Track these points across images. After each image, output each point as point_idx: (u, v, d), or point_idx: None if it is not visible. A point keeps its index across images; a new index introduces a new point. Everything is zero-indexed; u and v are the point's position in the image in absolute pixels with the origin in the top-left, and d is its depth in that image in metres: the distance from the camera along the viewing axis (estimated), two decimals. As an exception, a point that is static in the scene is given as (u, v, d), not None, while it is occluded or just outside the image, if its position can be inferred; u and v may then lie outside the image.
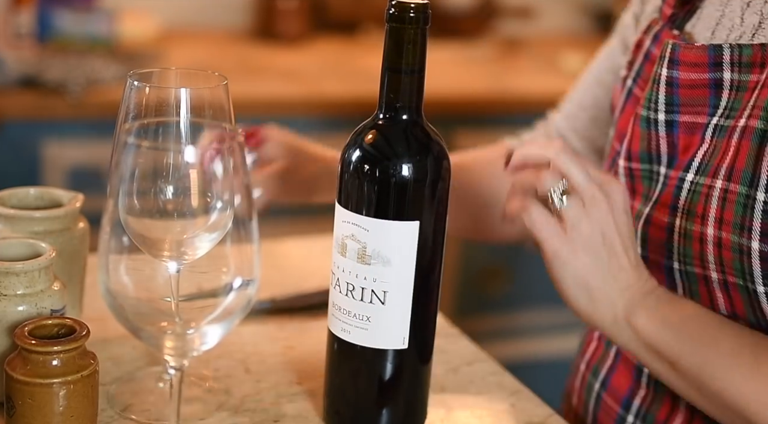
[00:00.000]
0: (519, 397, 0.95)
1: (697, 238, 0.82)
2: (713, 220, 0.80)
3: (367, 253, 0.77)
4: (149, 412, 0.85)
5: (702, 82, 0.84)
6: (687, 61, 0.84)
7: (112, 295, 0.68)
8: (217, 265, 0.72)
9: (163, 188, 0.73)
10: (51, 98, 1.91)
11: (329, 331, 0.82)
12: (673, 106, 0.86)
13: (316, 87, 2.16)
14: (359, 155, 0.77)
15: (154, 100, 0.80)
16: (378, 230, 0.77)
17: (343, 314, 0.80)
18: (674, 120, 0.86)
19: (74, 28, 2.20)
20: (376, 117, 0.79)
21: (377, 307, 0.78)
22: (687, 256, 0.84)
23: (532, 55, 2.68)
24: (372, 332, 0.79)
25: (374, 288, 0.78)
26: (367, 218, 0.77)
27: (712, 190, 0.81)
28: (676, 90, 0.85)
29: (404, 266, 0.78)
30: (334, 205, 0.80)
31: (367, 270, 0.77)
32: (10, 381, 0.75)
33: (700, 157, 0.84)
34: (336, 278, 0.80)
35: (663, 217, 0.86)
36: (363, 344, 0.79)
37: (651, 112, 0.87)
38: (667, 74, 0.85)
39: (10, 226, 0.88)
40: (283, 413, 0.87)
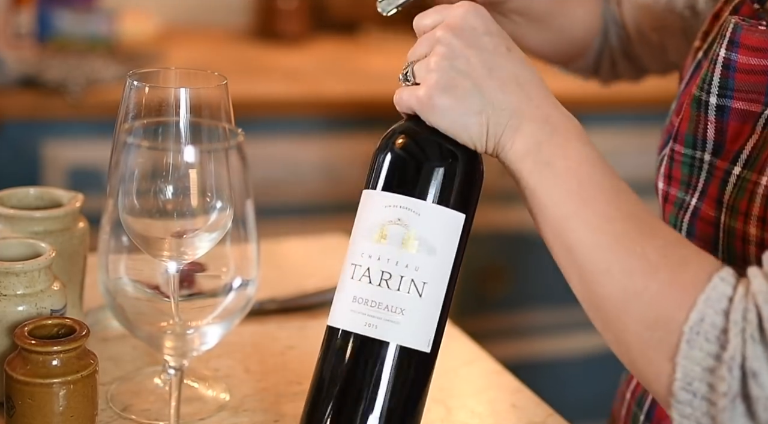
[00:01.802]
0: (519, 397, 0.95)
1: (740, 236, 0.77)
2: (756, 219, 0.75)
3: (413, 238, 0.74)
4: (149, 412, 0.85)
5: (761, 68, 0.78)
6: (748, 45, 0.78)
7: (112, 295, 0.68)
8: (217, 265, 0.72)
9: (163, 188, 0.73)
10: (51, 98, 1.91)
11: (339, 331, 0.76)
12: (727, 90, 0.80)
13: (316, 87, 2.16)
14: (422, 134, 0.76)
15: (153, 100, 0.80)
16: (429, 215, 0.74)
17: (371, 307, 0.74)
18: (726, 105, 0.80)
19: (74, 28, 2.20)
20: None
21: (413, 298, 0.74)
22: (731, 255, 0.79)
23: (532, 55, 2.68)
24: (403, 327, 0.73)
25: (414, 277, 0.74)
26: (420, 200, 0.74)
27: (758, 186, 0.76)
28: (732, 73, 0.80)
29: (446, 259, 0.75)
30: (361, 194, 0.78)
31: (410, 257, 0.74)
32: (10, 381, 0.75)
33: (749, 150, 0.78)
34: (364, 268, 0.75)
35: (710, 211, 0.81)
36: (390, 340, 0.73)
37: (704, 93, 0.81)
38: (725, 55, 0.80)
39: (10, 226, 0.88)
40: (283, 413, 0.87)
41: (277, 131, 2.11)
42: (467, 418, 0.91)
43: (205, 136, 0.78)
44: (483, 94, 0.74)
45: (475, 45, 0.75)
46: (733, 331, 0.65)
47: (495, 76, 0.74)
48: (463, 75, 0.74)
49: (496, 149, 0.75)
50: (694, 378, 0.66)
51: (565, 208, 0.72)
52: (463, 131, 0.74)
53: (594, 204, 0.71)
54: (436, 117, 0.74)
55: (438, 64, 0.74)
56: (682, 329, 0.66)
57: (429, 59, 0.75)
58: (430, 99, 0.74)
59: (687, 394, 0.66)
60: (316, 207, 2.16)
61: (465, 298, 2.34)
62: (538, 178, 0.73)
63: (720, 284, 0.67)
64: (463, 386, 0.97)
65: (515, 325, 2.41)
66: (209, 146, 0.72)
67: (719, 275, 0.67)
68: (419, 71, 0.76)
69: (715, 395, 0.65)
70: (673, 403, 0.67)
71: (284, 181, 2.13)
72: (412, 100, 0.75)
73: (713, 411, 0.65)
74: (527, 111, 0.74)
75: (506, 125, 0.74)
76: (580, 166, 0.73)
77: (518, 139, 0.74)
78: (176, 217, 0.74)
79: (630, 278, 0.69)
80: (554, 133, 0.73)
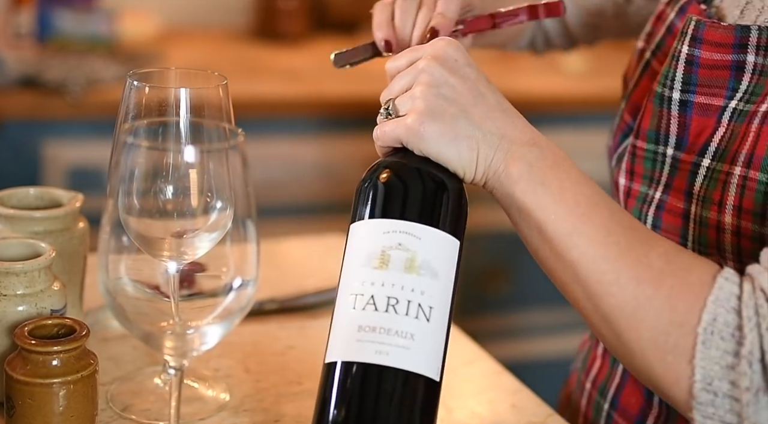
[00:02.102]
0: (519, 397, 0.95)
1: (714, 226, 0.79)
2: (731, 208, 0.77)
3: (417, 262, 0.72)
4: (149, 412, 0.85)
5: (723, 64, 0.81)
6: (711, 41, 0.81)
7: (112, 295, 0.68)
8: (217, 265, 0.72)
9: (163, 188, 0.73)
10: (51, 98, 1.91)
11: (344, 365, 0.71)
12: (690, 85, 0.83)
13: (316, 87, 2.16)
14: (411, 164, 0.75)
15: (153, 100, 0.80)
16: (430, 239, 0.73)
17: (381, 335, 0.70)
18: (689, 100, 0.83)
19: (74, 28, 2.20)
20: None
21: (422, 324, 0.71)
22: (702, 244, 0.81)
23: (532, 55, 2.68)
24: (414, 353, 0.70)
25: (421, 302, 0.71)
26: (419, 224, 0.73)
27: (731, 177, 0.77)
28: (695, 69, 0.82)
29: (447, 283, 0.73)
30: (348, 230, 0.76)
31: (415, 281, 0.71)
32: (10, 381, 0.75)
33: (716, 142, 0.80)
34: (368, 296, 0.72)
35: (678, 202, 0.83)
36: (403, 367, 0.70)
37: (666, 89, 0.84)
38: (688, 52, 0.82)
39: (10, 226, 0.88)
40: (283, 413, 0.87)
41: (276, 131, 2.11)
42: (467, 418, 0.91)
43: (205, 136, 0.78)
44: (471, 120, 0.75)
45: (459, 74, 0.76)
46: (747, 326, 0.66)
47: (480, 103, 0.76)
48: (449, 102, 0.75)
49: (486, 174, 0.75)
50: (714, 377, 0.66)
51: (564, 226, 0.72)
52: (454, 157, 0.74)
53: (593, 219, 0.72)
54: (427, 144, 0.74)
55: (424, 92, 0.75)
56: (696, 331, 0.67)
57: (413, 90, 0.76)
58: (420, 125, 0.74)
59: (708, 394, 0.67)
60: (316, 207, 2.16)
61: (465, 298, 2.34)
62: (533, 199, 0.73)
63: (726, 284, 0.68)
64: (463, 386, 0.97)
65: (515, 325, 2.42)
66: (209, 146, 0.72)
67: (722, 275, 0.69)
68: (403, 103, 0.76)
69: (738, 392, 0.66)
70: (695, 405, 0.67)
71: (284, 181, 2.14)
72: (399, 130, 0.75)
73: (737, 407, 0.66)
74: (514, 135, 0.75)
75: (496, 149, 0.75)
76: (573, 185, 0.74)
77: (510, 162, 0.74)
78: (176, 217, 0.74)
79: (639, 286, 0.69)
80: (543, 156, 0.74)
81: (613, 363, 0.95)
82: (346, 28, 2.66)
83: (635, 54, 0.96)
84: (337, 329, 0.73)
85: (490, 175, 0.75)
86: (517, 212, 0.75)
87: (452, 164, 0.75)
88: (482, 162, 0.75)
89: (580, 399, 1.00)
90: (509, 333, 2.41)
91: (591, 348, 1.01)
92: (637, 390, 0.90)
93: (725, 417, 0.67)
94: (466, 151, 0.74)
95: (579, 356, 1.05)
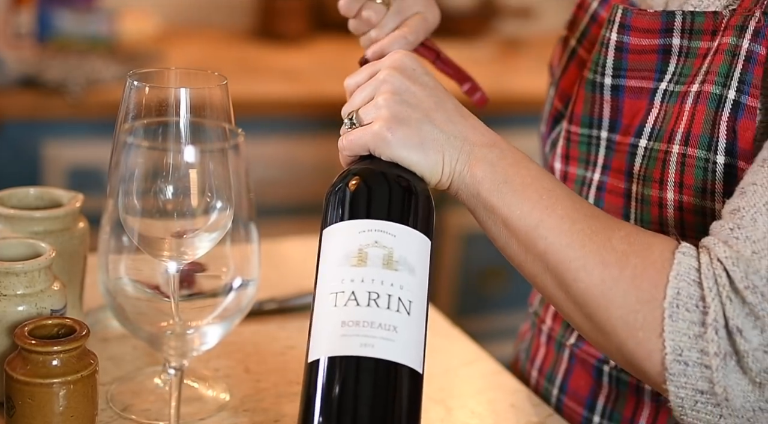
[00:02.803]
0: (519, 397, 0.95)
1: (656, 202, 0.83)
2: (673, 184, 0.81)
3: (394, 258, 0.73)
4: (149, 412, 0.85)
5: (651, 48, 0.84)
6: (639, 27, 0.84)
7: (112, 295, 0.68)
8: (217, 265, 0.72)
9: (163, 188, 0.73)
10: (51, 98, 1.91)
11: (328, 360, 0.70)
12: (621, 70, 0.86)
13: (316, 87, 2.16)
14: (378, 168, 0.77)
15: (153, 100, 0.80)
16: (404, 236, 0.74)
17: (364, 328, 0.70)
18: (620, 84, 0.87)
19: (74, 28, 2.20)
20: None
21: (403, 317, 0.71)
22: (644, 221, 0.84)
23: (532, 55, 2.68)
24: (399, 344, 0.70)
25: (401, 296, 0.72)
26: (393, 223, 0.74)
27: (669, 155, 0.81)
28: (625, 55, 0.86)
29: (423, 279, 0.74)
30: (320, 234, 0.77)
31: (394, 276, 0.72)
32: (10, 381, 0.75)
33: (651, 123, 0.84)
34: (348, 293, 0.72)
35: (618, 183, 0.87)
36: (389, 358, 0.69)
37: (597, 76, 0.88)
38: (617, 39, 0.85)
39: (10, 226, 0.88)
40: (283, 413, 0.87)
41: (276, 131, 2.11)
42: (467, 418, 0.91)
43: (205, 136, 0.78)
44: (434, 124, 0.78)
45: (419, 82, 0.79)
46: (709, 296, 0.69)
47: (441, 108, 0.79)
48: (413, 108, 0.78)
49: (452, 176, 0.78)
50: (684, 348, 0.69)
51: (530, 219, 0.75)
52: (421, 160, 0.77)
53: (556, 210, 0.75)
54: (394, 148, 0.77)
55: (388, 100, 0.78)
56: (662, 306, 0.70)
57: (376, 99, 0.78)
58: (387, 131, 0.76)
59: (679, 365, 0.70)
60: (316, 207, 2.15)
61: (465, 298, 2.35)
62: (498, 196, 0.76)
63: (684, 259, 0.71)
64: (463, 386, 0.97)
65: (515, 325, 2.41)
66: (209, 146, 0.72)
67: (680, 250, 0.72)
68: (366, 113, 0.79)
69: (707, 359, 0.69)
70: (668, 376, 0.70)
71: (284, 181, 2.14)
72: (366, 137, 0.77)
73: (708, 374, 0.69)
74: (476, 138, 0.78)
75: (460, 151, 0.77)
76: (535, 180, 0.77)
77: (473, 163, 0.77)
78: (176, 217, 0.74)
79: (606, 268, 0.72)
80: (503, 155, 0.78)
81: (558, 349, 0.97)
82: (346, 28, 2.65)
83: (559, 43, 1.00)
84: (318, 329, 0.72)
85: (455, 177, 0.78)
86: (483, 211, 0.78)
87: (419, 168, 0.77)
88: (447, 164, 0.77)
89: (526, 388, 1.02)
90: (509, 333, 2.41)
91: (533, 337, 1.03)
92: (585, 372, 0.93)
93: (697, 385, 0.69)
94: (432, 154, 0.77)
95: (521, 347, 1.07)
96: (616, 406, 0.90)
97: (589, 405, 0.92)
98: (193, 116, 0.79)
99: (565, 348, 0.96)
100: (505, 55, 2.66)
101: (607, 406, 0.91)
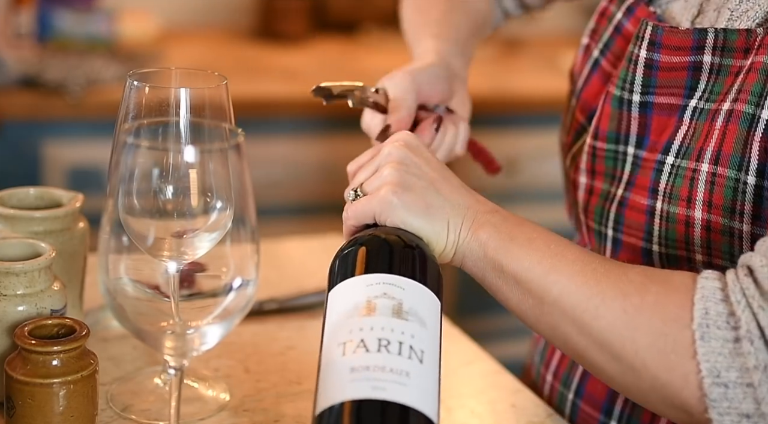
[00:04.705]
0: (519, 397, 0.95)
1: (683, 221, 0.81)
2: (701, 203, 0.79)
3: (404, 309, 0.70)
4: (149, 412, 0.85)
5: (681, 65, 0.83)
6: (670, 45, 0.83)
7: (112, 295, 0.68)
8: (217, 265, 0.72)
9: (163, 188, 0.73)
10: (51, 98, 1.91)
11: (336, 408, 0.65)
12: (650, 87, 0.85)
13: (316, 87, 2.16)
14: (385, 233, 0.77)
15: (154, 100, 0.80)
16: (414, 290, 0.72)
17: (375, 372, 0.66)
18: (649, 101, 0.86)
19: (74, 28, 2.20)
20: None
21: (415, 364, 0.67)
22: (669, 238, 0.83)
23: (532, 55, 2.68)
24: (412, 390, 0.66)
25: (412, 344, 0.68)
26: (402, 277, 0.73)
27: (698, 173, 0.80)
28: (654, 72, 0.85)
29: (435, 335, 0.71)
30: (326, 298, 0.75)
31: (404, 326, 0.69)
32: (10, 381, 0.75)
33: (679, 140, 0.83)
34: (357, 340, 0.68)
35: (642, 199, 0.85)
36: (403, 402, 0.65)
37: (625, 92, 0.86)
38: (646, 56, 0.84)
39: (10, 226, 0.88)
40: (283, 413, 0.87)
41: (277, 131, 2.11)
42: (467, 418, 0.91)
43: (205, 136, 0.78)
44: (439, 193, 0.79)
45: (423, 156, 0.81)
46: (738, 309, 0.66)
47: (446, 180, 0.80)
48: (418, 177, 0.79)
49: (456, 243, 0.78)
50: (720, 368, 0.66)
51: (540, 269, 0.74)
52: (426, 225, 0.77)
53: (566, 255, 0.74)
54: (400, 213, 0.77)
55: (393, 168, 0.78)
56: (691, 328, 0.67)
57: (381, 170, 0.79)
58: (393, 195, 0.77)
59: (719, 388, 0.66)
60: (316, 207, 2.16)
61: (465, 298, 2.34)
62: (505, 253, 0.76)
63: (707, 282, 0.69)
64: (463, 386, 0.97)
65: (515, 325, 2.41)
66: (209, 146, 0.72)
67: (702, 276, 0.70)
68: (371, 184, 0.79)
69: (747, 376, 0.66)
70: (709, 403, 0.67)
71: (284, 181, 2.14)
72: (372, 203, 0.78)
73: (751, 392, 0.66)
74: (479, 208, 0.79)
75: (464, 218, 0.78)
76: (540, 235, 0.77)
77: (477, 228, 0.77)
78: (176, 217, 0.74)
79: (626, 298, 0.71)
80: (506, 218, 0.78)
81: None
82: (346, 28, 2.66)
83: (581, 50, 0.99)
84: (326, 381, 0.68)
85: (460, 243, 0.78)
86: (491, 272, 0.77)
87: (424, 233, 0.77)
88: (452, 231, 0.78)
89: (540, 392, 1.02)
90: (509, 333, 2.41)
91: (546, 341, 1.02)
92: None
93: (741, 408, 0.66)
94: (438, 220, 0.78)
95: (535, 351, 1.06)
96: (634, 411, 0.89)
97: (606, 410, 0.91)
98: (193, 116, 0.79)
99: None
100: (505, 55, 2.66)
101: (624, 411, 0.90)
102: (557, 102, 1.16)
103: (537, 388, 1.03)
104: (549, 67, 2.54)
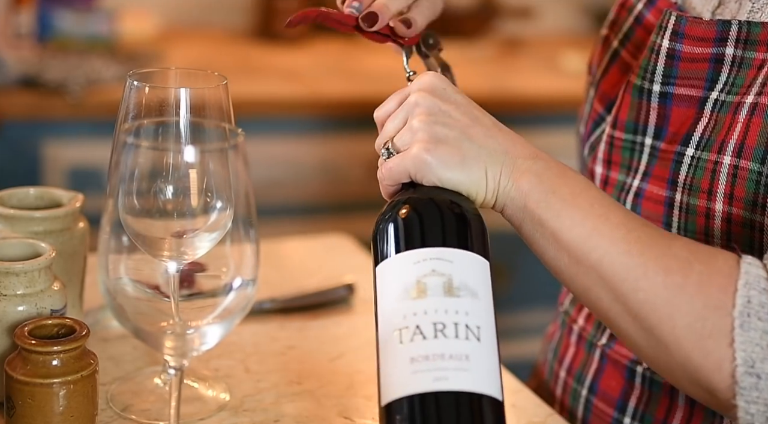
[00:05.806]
0: (519, 397, 0.95)
1: (703, 212, 0.81)
2: (722, 195, 0.79)
3: (455, 285, 0.70)
4: (149, 412, 0.85)
5: (703, 56, 0.82)
6: (693, 36, 0.82)
7: (112, 295, 0.68)
8: (217, 265, 0.72)
9: (163, 188, 0.73)
10: (51, 98, 1.91)
11: (402, 401, 0.67)
12: (671, 78, 0.85)
13: (316, 87, 2.16)
14: (425, 195, 0.75)
15: (154, 100, 0.80)
16: (462, 261, 0.72)
17: (435, 361, 0.67)
18: (669, 92, 0.85)
19: (74, 28, 2.20)
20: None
21: (473, 344, 0.68)
22: (689, 230, 0.82)
23: (532, 55, 2.68)
24: (474, 373, 0.67)
25: (468, 323, 0.69)
26: (448, 249, 0.72)
27: (720, 165, 0.79)
28: (676, 63, 0.84)
29: (487, 303, 0.71)
30: (374, 273, 0.75)
31: (458, 303, 0.69)
32: (10, 381, 0.75)
33: (700, 132, 0.82)
34: (413, 327, 0.69)
35: (660, 191, 0.85)
36: (466, 389, 0.66)
37: (646, 82, 0.86)
38: (669, 46, 0.84)
39: (10, 226, 0.88)
40: (283, 413, 0.87)
41: (277, 131, 2.11)
42: (467, 418, 0.90)
43: (205, 136, 0.78)
44: (473, 141, 0.76)
45: (451, 101, 0.78)
46: None
47: (477, 124, 0.77)
48: (449, 127, 0.76)
49: (496, 192, 0.76)
50: (756, 359, 0.66)
51: (582, 229, 0.72)
52: (464, 178, 0.75)
53: (610, 218, 0.72)
54: (436, 170, 0.75)
55: (423, 122, 0.76)
56: (732, 315, 0.67)
57: (410, 123, 0.77)
58: (427, 153, 0.75)
59: (751, 377, 0.66)
60: (316, 207, 2.16)
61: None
62: (546, 207, 0.74)
63: (751, 268, 0.69)
64: (463, 386, 0.97)
65: (515, 325, 2.41)
66: (209, 146, 0.72)
67: (745, 261, 0.69)
68: (402, 139, 0.77)
69: None
70: (738, 390, 0.67)
71: (284, 181, 2.14)
72: (406, 162, 0.76)
73: None
74: (517, 151, 0.76)
75: (503, 165, 0.76)
76: (583, 190, 0.74)
77: (518, 176, 0.75)
78: (176, 217, 0.74)
79: (669, 275, 0.69)
80: (548, 167, 0.75)
81: (589, 349, 0.95)
82: (346, 28, 2.65)
83: (599, 41, 0.98)
84: (387, 369, 0.69)
85: (500, 191, 0.76)
86: (530, 224, 0.75)
87: (463, 187, 0.75)
88: (491, 180, 0.76)
89: (554, 389, 1.01)
90: (509, 333, 2.41)
91: (563, 337, 1.01)
92: (617, 373, 0.91)
93: None
94: (475, 171, 0.75)
95: (548, 347, 1.06)
96: (648, 408, 0.88)
97: (619, 406, 0.91)
98: (193, 116, 0.79)
99: (596, 348, 0.94)
100: (505, 55, 2.66)
101: (638, 407, 0.89)
102: (557, 102, 1.16)
103: (549, 386, 1.02)
104: (549, 67, 2.54)
